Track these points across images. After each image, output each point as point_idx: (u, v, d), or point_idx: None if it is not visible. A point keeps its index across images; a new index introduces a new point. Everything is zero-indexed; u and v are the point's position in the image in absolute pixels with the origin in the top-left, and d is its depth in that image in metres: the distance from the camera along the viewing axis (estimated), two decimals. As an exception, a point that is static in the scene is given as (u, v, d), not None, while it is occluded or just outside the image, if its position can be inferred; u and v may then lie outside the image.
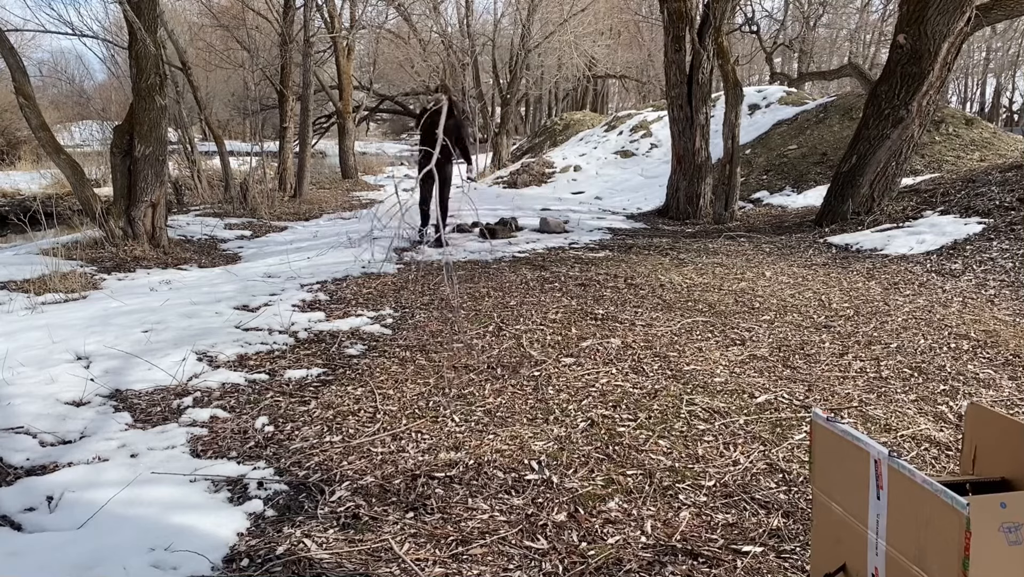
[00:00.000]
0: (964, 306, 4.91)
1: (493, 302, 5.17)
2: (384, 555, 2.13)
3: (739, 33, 21.11)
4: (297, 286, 5.74)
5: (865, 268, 6.24)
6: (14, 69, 7.13)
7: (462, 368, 3.75)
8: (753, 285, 5.61)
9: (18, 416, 3.07)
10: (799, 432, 2.94)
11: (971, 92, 37.27)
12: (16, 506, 2.39)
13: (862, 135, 8.12)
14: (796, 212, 10.08)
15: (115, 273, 6.74)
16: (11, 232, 11.20)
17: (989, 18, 7.94)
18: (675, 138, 10.47)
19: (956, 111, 13.80)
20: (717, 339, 4.21)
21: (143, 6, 7.12)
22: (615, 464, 2.67)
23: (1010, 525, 1.23)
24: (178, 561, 2.09)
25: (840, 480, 1.55)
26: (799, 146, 13.03)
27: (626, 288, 5.55)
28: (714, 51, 9.93)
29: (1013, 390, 3.39)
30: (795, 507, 2.38)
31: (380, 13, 23.60)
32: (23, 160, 20.28)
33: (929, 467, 2.66)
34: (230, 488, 2.55)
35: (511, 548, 2.16)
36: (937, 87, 7.71)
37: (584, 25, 23.56)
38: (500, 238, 8.51)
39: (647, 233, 9.20)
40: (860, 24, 31.26)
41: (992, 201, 7.29)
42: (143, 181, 7.49)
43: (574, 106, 32.63)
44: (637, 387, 3.44)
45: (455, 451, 2.79)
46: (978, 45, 30.76)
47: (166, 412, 3.25)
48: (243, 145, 17.87)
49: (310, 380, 3.63)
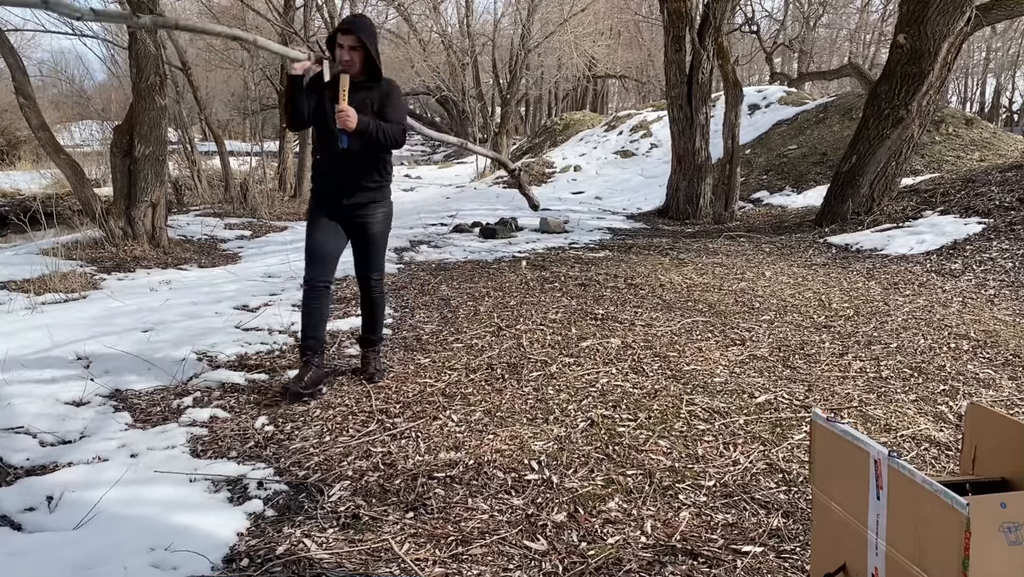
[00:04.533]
0: (964, 306, 4.91)
1: (493, 302, 5.17)
2: (384, 555, 2.13)
3: (739, 33, 21.12)
4: (297, 286, 5.74)
5: (865, 268, 6.24)
6: (14, 69, 7.14)
7: (462, 368, 3.75)
8: (753, 285, 5.61)
9: (18, 416, 3.07)
10: (799, 432, 2.94)
11: (971, 92, 37.27)
12: (16, 506, 2.39)
13: (862, 135, 8.12)
14: (796, 212, 10.08)
15: (115, 273, 6.74)
16: (11, 232, 11.19)
17: (989, 18, 7.94)
18: (675, 138, 10.47)
19: (956, 111, 13.81)
20: (717, 339, 4.21)
21: (143, 6, 7.12)
22: (615, 464, 2.67)
23: (1010, 525, 1.23)
24: (178, 561, 2.09)
25: (840, 480, 1.55)
26: (799, 146, 13.03)
27: (626, 288, 5.55)
28: (714, 51, 9.93)
29: (1013, 390, 3.39)
30: (795, 507, 2.38)
31: (380, 13, 23.61)
32: (23, 160, 20.28)
33: (929, 467, 2.66)
34: (230, 488, 2.55)
35: (511, 548, 2.16)
36: (937, 87, 7.71)
37: (584, 25, 23.56)
38: (500, 238, 8.51)
39: (647, 233, 9.20)
40: (860, 24, 31.26)
41: (992, 201, 7.29)
42: (143, 181, 7.49)
43: (574, 106, 32.64)
44: (637, 387, 3.44)
45: (455, 451, 2.79)
46: (978, 45, 30.75)
47: (166, 412, 3.25)
48: (243, 145, 17.86)
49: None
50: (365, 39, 3.16)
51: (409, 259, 7.14)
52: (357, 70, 3.20)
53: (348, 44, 3.17)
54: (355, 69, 3.18)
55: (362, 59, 3.21)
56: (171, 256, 7.59)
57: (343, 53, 3.17)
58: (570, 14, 21.85)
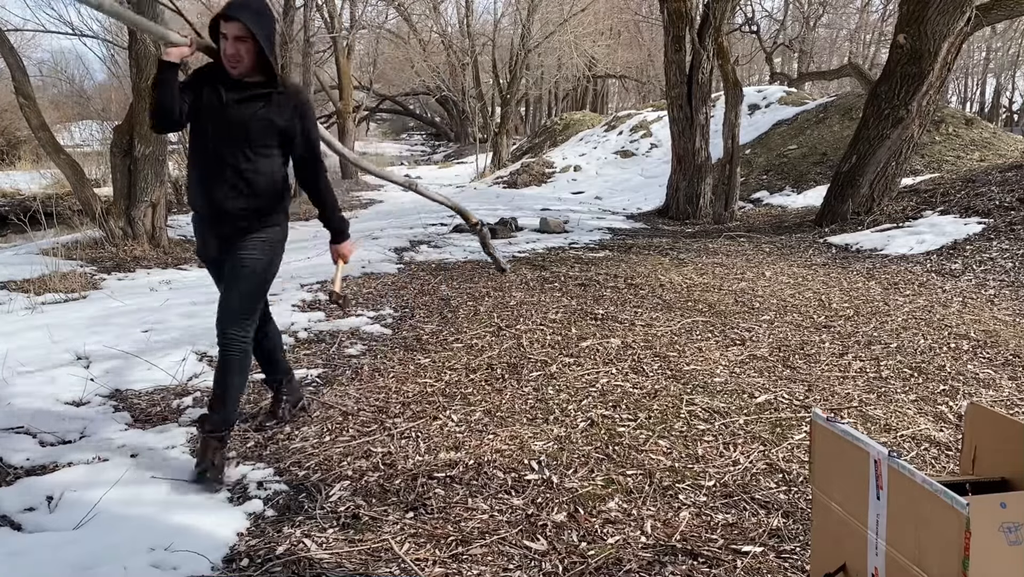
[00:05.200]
0: (964, 306, 4.91)
1: (493, 302, 5.17)
2: (384, 555, 2.13)
3: (739, 33, 21.12)
4: (297, 286, 5.74)
5: (865, 268, 6.24)
6: (14, 69, 7.14)
7: (462, 368, 3.75)
8: (753, 285, 5.61)
9: (18, 416, 3.07)
10: (799, 432, 2.94)
11: (971, 92, 37.27)
12: (16, 506, 2.39)
13: (862, 135, 8.12)
14: (796, 212, 10.09)
15: (115, 273, 6.74)
16: (11, 232, 11.19)
17: (989, 18, 7.95)
18: (675, 138, 10.47)
19: (956, 111, 13.81)
20: (717, 339, 4.21)
21: (143, 6, 7.12)
22: (615, 464, 2.67)
23: (1010, 525, 1.23)
24: (178, 561, 2.09)
25: (840, 480, 1.55)
26: (799, 146, 13.04)
27: (626, 288, 5.55)
28: (714, 51, 9.93)
29: (1013, 390, 3.39)
30: (795, 507, 2.38)
31: (380, 13, 23.62)
32: (23, 160, 20.26)
33: (929, 467, 2.66)
34: (230, 488, 2.55)
35: (511, 548, 2.16)
36: (937, 87, 7.71)
37: (584, 25, 23.58)
38: (500, 238, 8.51)
39: (647, 233, 9.20)
40: (860, 24, 31.26)
41: (992, 201, 7.29)
42: (143, 181, 7.49)
43: (574, 106, 32.63)
44: (637, 387, 3.44)
45: (455, 451, 2.79)
46: (978, 45, 30.75)
47: (166, 412, 3.25)
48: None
49: (310, 380, 3.63)
50: (254, 28, 2.45)
51: (409, 259, 7.14)
52: (245, 68, 2.53)
53: (233, 34, 2.47)
54: (243, 67, 2.52)
55: (252, 54, 2.51)
56: (171, 256, 7.59)
57: (227, 45, 2.49)
58: (570, 14, 21.87)
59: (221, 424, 2.61)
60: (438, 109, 37.55)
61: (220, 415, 2.61)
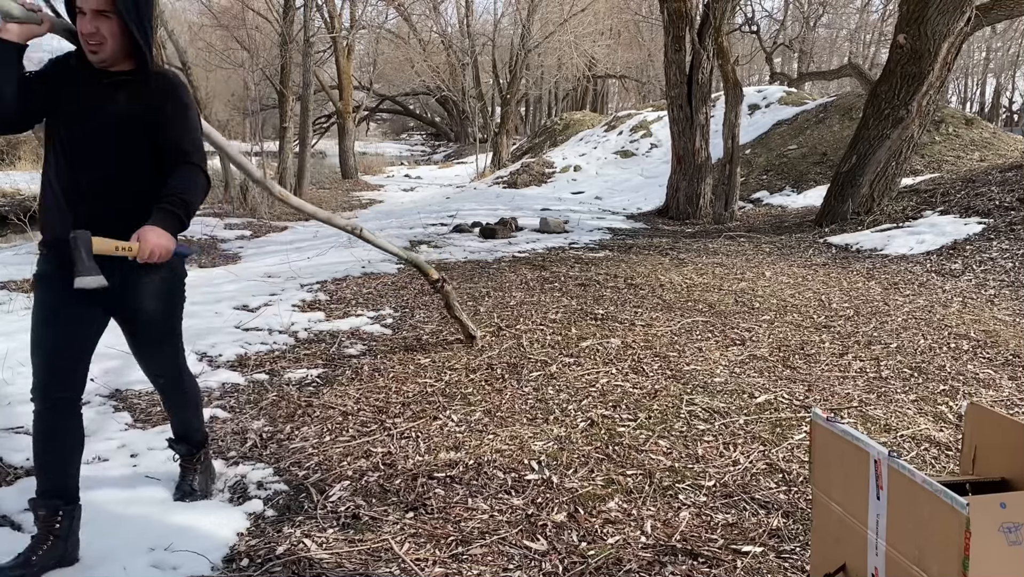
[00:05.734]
0: (964, 306, 4.91)
1: (493, 302, 5.17)
2: (384, 555, 2.13)
3: (739, 33, 21.11)
4: (297, 286, 5.74)
5: (865, 268, 6.24)
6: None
7: (462, 368, 3.75)
8: (753, 285, 5.61)
9: (18, 416, 3.07)
10: (799, 432, 2.94)
11: (971, 92, 37.29)
12: (16, 506, 2.40)
13: (862, 135, 8.12)
14: (796, 212, 10.09)
15: (115, 273, 6.73)
16: (11, 232, 11.19)
17: (989, 18, 7.95)
18: (675, 138, 10.47)
19: (956, 111, 13.82)
20: (717, 339, 4.21)
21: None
22: (615, 464, 2.67)
23: (1010, 525, 1.23)
24: (178, 561, 2.09)
25: (840, 480, 1.55)
26: (799, 146, 13.04)
27: (626, 288, 5.55)
28: (714, 51, 9.94)
29: (1013, 390, 3.39)
30: (795, 507, 2.38)
31: (380, 13, 23.62)
32: (23, 160, 20.26)
33: (929, 467, 2.66)
34: (230, 488, 2.55)
35: (511, 548, 2.16)
36: (937, 87, 7.71)
37: (584, 25, 23.58)
38: (500, 238, 8.51)
39: (647, 233, 9.20)
40: (860, 24, 31.27)
41: (992, 201, 7.29)
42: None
43: (574, 106, 32.62)
44: (637, 387, 3.44)
45: (455, 451, 2.79)
46: (978, 45, 30.77)
47: (166, 412, 3.24)
48: (243, 145, 17.86)
49: (310, 380, 3.63)
50: (120, 3, 1.89)
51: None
52: (109, 53, 1.94)
53: (92, 7, 1.89)
54: (106, 52, 1.93)
55: (116, 35, 1.93)
56: (171, 256, 7.58)
57: (83, 23, 1.90)
58: (570, 14, 21.87)
59: (196, 447, 2.50)
60: (438, 109, 37.54)
61: (192, 438, 2.49)
